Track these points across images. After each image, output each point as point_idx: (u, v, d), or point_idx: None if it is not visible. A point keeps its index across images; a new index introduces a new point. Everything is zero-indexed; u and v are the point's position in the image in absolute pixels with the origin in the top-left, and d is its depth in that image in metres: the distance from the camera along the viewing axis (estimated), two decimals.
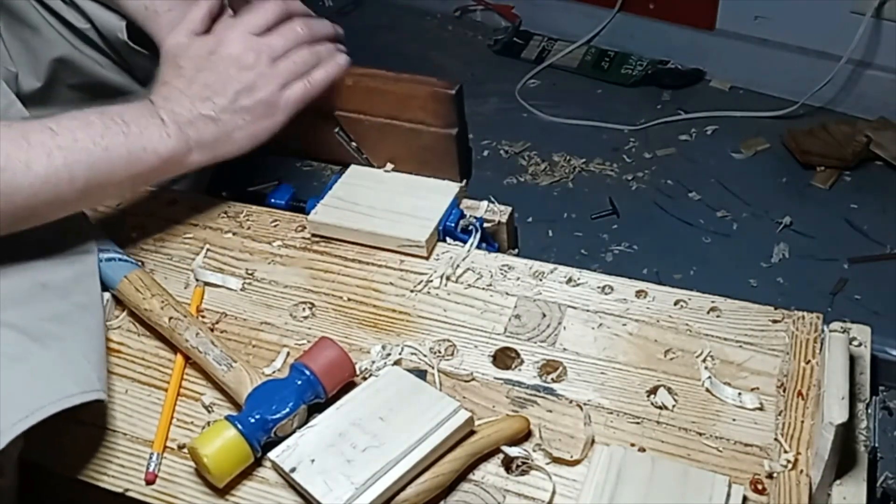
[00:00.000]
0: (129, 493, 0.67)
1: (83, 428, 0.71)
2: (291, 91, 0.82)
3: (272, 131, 0.82)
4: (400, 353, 0.74)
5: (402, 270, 0.82)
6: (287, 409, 0.66)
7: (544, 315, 0.76)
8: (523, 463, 0.65)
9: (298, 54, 0.83)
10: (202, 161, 0.79)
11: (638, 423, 0.68)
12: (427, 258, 0.82)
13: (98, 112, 0.74)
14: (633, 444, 0.66)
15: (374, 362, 0.73)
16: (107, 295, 0.79)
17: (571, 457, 0.65)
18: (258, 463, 0.66)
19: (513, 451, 0.66)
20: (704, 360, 0.71)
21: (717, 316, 0.74)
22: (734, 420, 0.67)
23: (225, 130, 0.79)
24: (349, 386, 0.70)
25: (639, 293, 0.77)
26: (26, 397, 0.61)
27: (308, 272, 0.83)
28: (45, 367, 0.63)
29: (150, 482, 0.67)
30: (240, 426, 0.64)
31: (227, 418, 0.65)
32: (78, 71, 0.94)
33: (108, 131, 0.73)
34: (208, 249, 0.86)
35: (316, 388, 0.68)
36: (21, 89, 0.92)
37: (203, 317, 0.79)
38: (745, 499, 0.61)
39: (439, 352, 0.74)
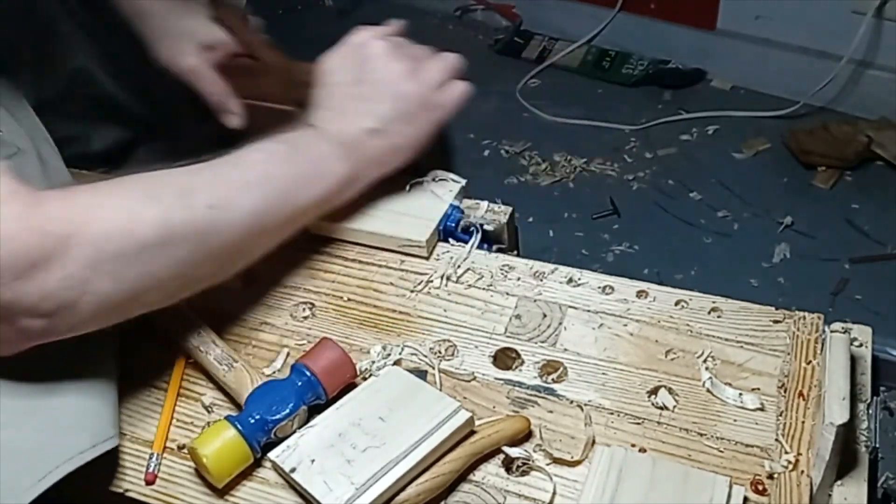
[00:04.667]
0: (129, 494, 0.67)
1: None
2: (451, 88, 0.80)
3: (433, 132, 0.80)
4: (400, 354, 0.74)
5: (402, 270, 0.81)
6: (287, 410, 0.66)
7: (545, 315, 0.76)
8: (524, 463, 0.65)
9: (439, 58, 0.81)
10: (376, 176, 0.79)
11: (639, 423, 0.67)
12: (427, 258, 0.82)
13: (276, 142, 0.73)
14: (633, 445, 0.66)
15: (374, 362, 0.73)
16: None
17: (572, 457, 0.65)
18: (258, 463, 0.66)
19: (513, 452, 0.65)
20: (705, 361, 0.71)
21: (718, 316, 0.74)
22: (735, 421, 0.67)
23: (392, 141, 0.78)
24: (349, 386, 0.70)
25: (640, 293, 0.77)
26: (40, 456, 0.61)
27: (308, 272, 0.82)
28: (56, 421, 0.63)
29: (149, 482, 0.67)
30: (240, 427, 0.64)
31: (227, 419, 0.65)
32: (93, 83, 0.94)
33: (291, 160, 0.73)
34: None
35: (316, 390, 0.67)
36: (38, 97, 0.91)
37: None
38: (745, 499, 0.61)
39: (439, 352, 0.74)
